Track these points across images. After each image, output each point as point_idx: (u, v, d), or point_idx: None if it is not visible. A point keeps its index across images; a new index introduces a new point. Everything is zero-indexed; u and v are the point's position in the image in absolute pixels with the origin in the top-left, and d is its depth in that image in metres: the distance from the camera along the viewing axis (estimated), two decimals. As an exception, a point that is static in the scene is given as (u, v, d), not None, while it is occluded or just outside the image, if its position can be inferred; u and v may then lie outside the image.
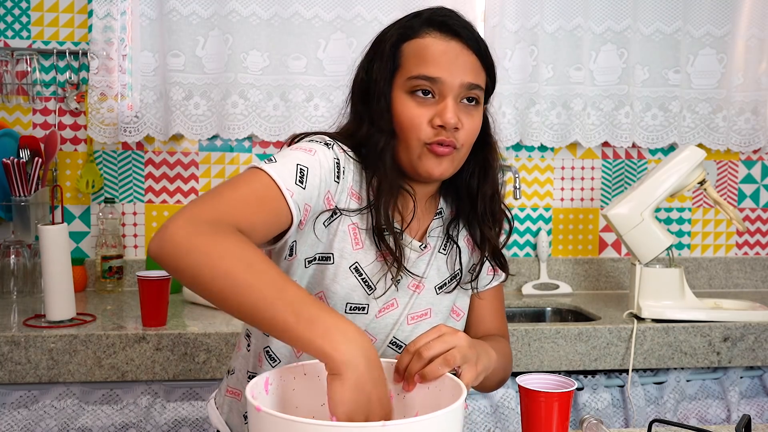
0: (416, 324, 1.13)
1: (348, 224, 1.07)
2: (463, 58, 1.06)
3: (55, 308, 1.77)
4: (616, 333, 1.87)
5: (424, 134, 1.05)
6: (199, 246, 0.85)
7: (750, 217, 2.56)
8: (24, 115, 2.25)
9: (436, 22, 1.07)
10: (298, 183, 0.98)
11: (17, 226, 2.13)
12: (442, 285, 1.16)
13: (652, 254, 1.99)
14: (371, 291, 1.08)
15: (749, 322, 1.93)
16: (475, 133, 1.09)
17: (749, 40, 2.40)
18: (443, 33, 1.07)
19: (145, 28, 2.19)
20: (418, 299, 1.13)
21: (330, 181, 1.04)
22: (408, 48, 1.07)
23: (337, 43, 2.25)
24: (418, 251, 1.14)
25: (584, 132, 2.36)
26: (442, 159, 1.06)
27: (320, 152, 1.03)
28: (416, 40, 1.07)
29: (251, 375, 1.15)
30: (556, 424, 1.01)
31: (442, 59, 1.05)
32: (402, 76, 1.07)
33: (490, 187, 1.16)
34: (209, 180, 2.34)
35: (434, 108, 1.05)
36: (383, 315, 1.11)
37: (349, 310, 1.08)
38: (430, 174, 1.07)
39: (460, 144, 1.07)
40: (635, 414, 1.87)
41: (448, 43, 1.06)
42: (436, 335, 0.93)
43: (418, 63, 1.05)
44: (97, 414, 1.72)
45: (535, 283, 2.40)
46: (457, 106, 1.05)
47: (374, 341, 1.11)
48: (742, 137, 2.46)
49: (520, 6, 2.29)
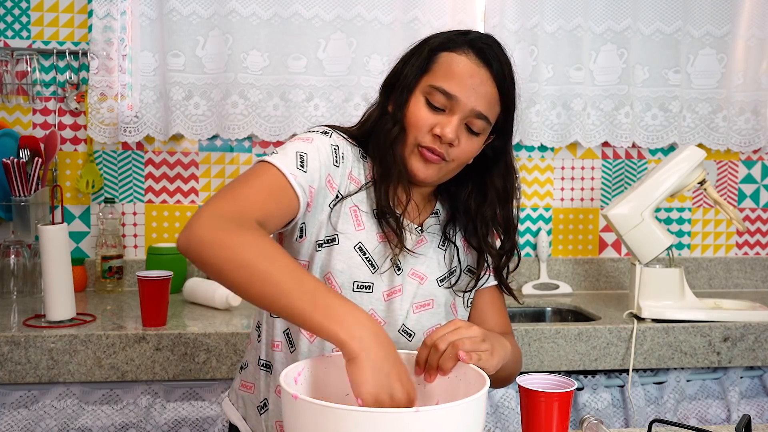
0: (420, 313, 1.18)
1: (349, 206, 1.14)
2: (485, 87, 1.12)
3: (55, 308, 1.77)
4: (616, 333, 1.87)
5: (421, 136, 1.12)
6: (222, 240, 0.92)
7: (750, 217, 2.56)
8: (24, 115, 2.25)
9: (476, 47, 1.13)
10: (299, 168, 1.05)
11: (17, 226, 2.13)
12: (443, 278, 1.21)
13: (652, 254, 1.99)
14: (375, 270, 1.14)
15: (749, 322, 1.93)
16: (469, 153, 1.15)
17: (749, 40, 2.40)
18: (478, 57, 1.12)
19: (145, 28, 2.19)
20: (422, 289, 1.18)
21: (329, 164, 1.11)
22: (443, 58, 1.13)
23: (337, 43, 2.25)
24: (416, 234, 1.19)
25: (584, 132, 2.36)
26: (430, 165, 1.13)
27: (317, 139, 1.11)
28: (452, 53, 1.13)
29: (264, 363, 1.19)
30: (556, 424, 1.01)
31: (466, 80, 1.11)
32: (427, 80, 1.13)
33: (489, 208, 1.21)
34: (209, 180, 2.34)
35: (441, 119, 1.11)
36: (391, 300, 1.16)
37: (356, 288, 1.13)
38: (415, 174, 1.14)
39: (451, 158, 1.13)
40: (635, 414, 1.87)
41: (477, 68, 1.11)
42: (452, 329, 0.99)
43: (444, 75, 1.11)
44: (97, 414, 1.72)
45: (535, 283, 2.40)
46: (461, 126, 1.12)
47: (384, 324, 1.15)
48: (742, 137, 2.46)
49: (520, 6, 2.29)
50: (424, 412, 0.75)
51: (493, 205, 1.21)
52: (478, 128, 1.13)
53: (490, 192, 1.21)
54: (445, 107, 1.11)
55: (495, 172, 1.21)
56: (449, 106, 1.11)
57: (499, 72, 1.12)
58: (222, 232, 0.93)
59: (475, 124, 1.12)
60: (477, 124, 1.12)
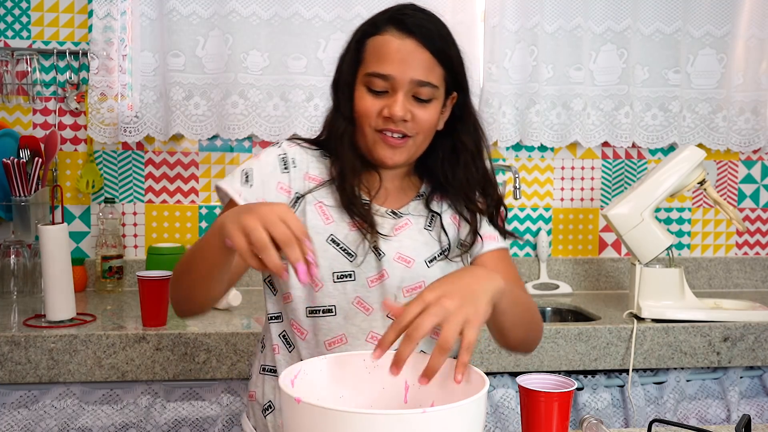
0: (412, 296, 1.17)
1: (314, 203, 1.18)
2: (415, 55, 1.13)
3: (55, 308, 1.77)
4: (616, 333, 1.87)
5: (374, 122, 1.15)
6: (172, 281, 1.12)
7: (750, 217, 2.57)
8: (24, 115, 2.25)
9: (395, 20, 1.15)
10: (245, 184, 1.15)
11: (17, 226, 2.13)
12: (432, 258, 1.20)
13: (652, 254, 1.99)
14: (352, 258, 1.16)
15: (749, 322, 1.93)
16: (430, 122, 1.16)
17: (749, 40, 2.40)
18: (400, 31, 1.14)
19: (145, 28, 2.19)
20: (410, 272, 1.18)
21: (277, 173, 1.18)
22: (370, 44, 1.16)
23: (337, 43, 2.24)
24: (392, 218, 1.20)
25: (584, 132, 2.36)
26: (395, 149, 1.16)
27: (264, 153, 1.21)
28: (377, 37, 1.15)
29: (270, 369, 1.23)
30: (556, 424, 1.01)
31: (395, 57, 1.13)
32: (363, 70, 1.16)
33: (462, 170, 1.22)
34: (209, 180, 2.34)
35: (387, 100, 1.14)
36: (376, 285, 1.16)
37: (337, 279, 1.16)
38: (383, 162, 1.17)
39: (413, 133, 1.15)
40: (635, 414, 1.87)
41: (402, 41, 1.13)
42: (421, 307, 0.90)
43: (375, 60, 1.14)
44: (97, 414, 1.72)
45: (535, 283, 2.40)
46: (408, 101, 1.14)
47: (372, 310, 1.16)
48: (742, 137, 2.46)
49: (520, 6, 2.29)
50: (431, 412, 0.75)
51: (467, 165, 1.21)
52: (427, 95, 1.14)
53: (461, 153, 1.22)
54: (386, 89, 1.13)
55: (461, 131, 1.22)
56: (389, 87, 1.13)
57: (426, 35, 1.13)
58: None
59: (422, 92, 1.13)
60: (423, 92, 1.13)
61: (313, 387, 0.94)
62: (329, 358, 0.96)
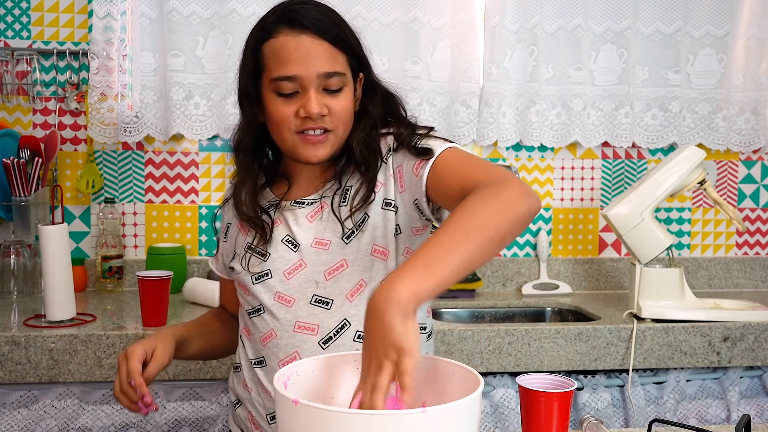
0: (336, 277, 1.17)
1: (235, 224, 1.28)
2: (315, 49, 1.12)
3: (55, 308, 1.77)
4: (616, 333, 1.88)
5: (293, 125, 1.14)
6: None
7: (750, 217, 2.57)
8: (24, 115, 2.25)
9: (286, 19, 1.13)
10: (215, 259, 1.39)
11: (17, 226, 2.13)
12: (349, 234, 1.16)
13: (652, 254, 1.99)
14: (265, 257, 1.20)
15: (749, 322, 1.93)
16: (345, 112, 1.16)
17: (749, 40, 2.40)
18: (293, 28, 1.12)
19: (145, 28, 2.19)
20: (328, 255, 1.17)
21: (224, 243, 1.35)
22: (267, 49, 1.14)
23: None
24: (300, 207, 1.21)
25: (584, 132, 2.36)
26: (318, 145, 1.15)
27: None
28: (272, 40, 1.13)
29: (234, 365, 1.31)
30: (556, 424, 1.01)
31: (295, 56, 1.11)
32: (266, 78, 1.14)
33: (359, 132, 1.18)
34: (209, 180, 2.34)
35: (300, 101, 1.13)
36: (293, 276, 1.18)
37: (256, 280, 1.20)
38: (309, 160, 1.16)
39: (333, 126, 1.15)
40: (635, 414, 1.87)
41: (298, 39, 1.11)
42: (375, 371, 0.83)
43: (276, 64, 1.12)
44: (97, 414, 1.72)
45: (535, 283, 2.40)
46: (320, 95, 1.13)
47: (294, 301, 1.17)
48: (742, 137, 2.46)
49: (520, 6, 2.29)
50: (430, 412, 0.75)
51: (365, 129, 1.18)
52: (336, 85, 1.13)
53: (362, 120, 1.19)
54: (295, 89, 1.12)
55: (367, 103, 1.21)
56: (298, 87, 1.12)
57: (319, 27, 1.12)
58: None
59: (331, 83, 1.13)
60: (333, 83, 1.13)
61: (306, 388, 0.94)
62: (320, 359, 0.96)
